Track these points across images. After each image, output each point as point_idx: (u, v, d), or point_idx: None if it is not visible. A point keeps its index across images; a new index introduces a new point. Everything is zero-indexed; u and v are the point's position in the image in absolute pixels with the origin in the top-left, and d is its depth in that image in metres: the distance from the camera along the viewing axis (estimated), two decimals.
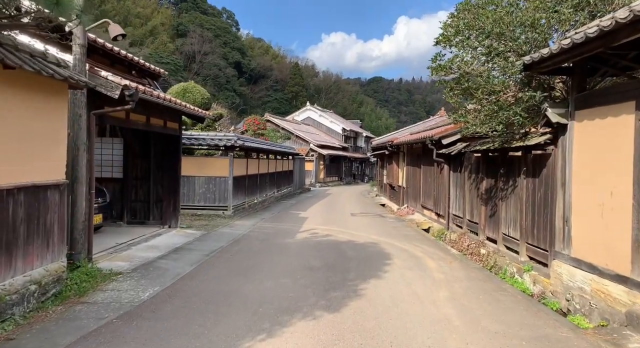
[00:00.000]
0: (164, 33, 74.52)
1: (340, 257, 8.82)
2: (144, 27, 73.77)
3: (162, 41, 72.86)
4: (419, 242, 11.16)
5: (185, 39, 74.07)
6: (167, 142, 11.11)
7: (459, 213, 12.05)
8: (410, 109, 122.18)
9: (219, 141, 14.27)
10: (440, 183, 13.52)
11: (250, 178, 17.04)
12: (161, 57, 67.05)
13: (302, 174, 30.07)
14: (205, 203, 14.67)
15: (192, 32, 74.00)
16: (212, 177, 14.65)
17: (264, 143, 18.55)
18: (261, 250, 9.36)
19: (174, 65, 67.36)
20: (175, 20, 78.18)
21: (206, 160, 14.67)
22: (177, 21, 77.61)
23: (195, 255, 8.68)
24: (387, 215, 17.41)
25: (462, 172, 11.93)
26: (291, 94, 79.76)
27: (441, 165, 13.32)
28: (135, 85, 7.09)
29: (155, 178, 11.25)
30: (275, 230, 12.32)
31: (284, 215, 16.30)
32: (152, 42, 71.12)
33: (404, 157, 18.80)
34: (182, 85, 15.46)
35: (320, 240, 10.79)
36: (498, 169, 9.62)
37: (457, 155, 12.00)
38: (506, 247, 9.26)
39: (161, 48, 70.85)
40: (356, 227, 13.39)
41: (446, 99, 8.73)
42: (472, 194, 11.17)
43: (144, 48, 67.91)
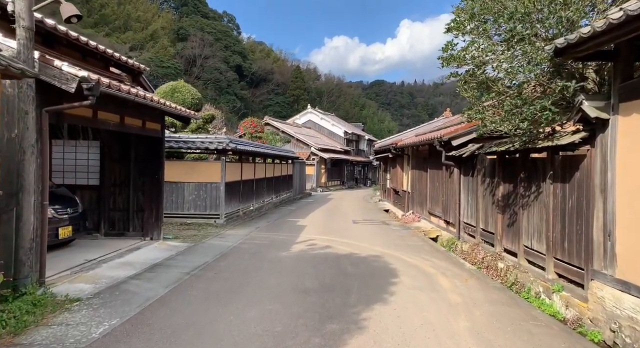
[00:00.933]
0: (164, 37, 73.84)
1: (340, 275, 7.67)
2: (144, 31, 73.09)
3: (163, 45, 72.16)
4: (428, 255, 10.00)
5: (186, 42, 73.35)
6: (149, 144, 10.01)
7: (472, 222, 10.89)
8: (412, 112, 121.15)
9: (210, 144, 13.17)
10: (449, 188, 12.36)
11: (245, 184, 15.93)
12: (162, 61, 66.33)
13: (302, 178, 28.95)
14: (195, 212, 13.55)
15: (193, 36, 73.29)
16: (203, 183, 13.55)
17: (261, 146, 17.46)
18: (250, 267, 8.22)
19: (174, 69, 66.61)
20: (176, 24, 77.51)
21: (196, 164, 13.58)
22: (178, 25, 76.94)
23: (173, 273, 7.54)
24: (391, 222, 16.25)
25: (474, 176, 10.78)
26: (293, 97, 78.81)
27: (451, 169, 12.17)
28: (97, 77, 5.99)
29: (136, 184, 10.14)
30: (270, 241, 11.19)
31: (281, 223, 15.16)
32: (152, 46, 70.40)
33: (408, 160, 17.66)
34: (170, 84, 14.42)
35: (318, 253, 9.64)
36: (518, 173, 8.47)
37: (469, 158, 10.85)
38: (528, 261, 8.10)
39: (162, 52, 70.11)
40: (358, 237, 12.24)
41: (460, 94, 7.59)
42: (486, 201, 10.02)
43: (144, 52, 67.25)
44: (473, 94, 7.24)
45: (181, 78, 68.94)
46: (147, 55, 65.45)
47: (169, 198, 13.43)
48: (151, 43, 71.28)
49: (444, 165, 12.50)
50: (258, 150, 15.94)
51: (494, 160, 9.72)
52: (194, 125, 14.88)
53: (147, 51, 67.70)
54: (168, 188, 13.43)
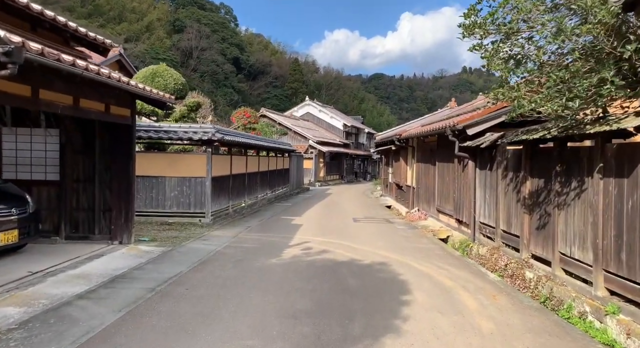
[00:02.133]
0: (160, 29, 72.04)
1: (339, 291, 6.22)
2: (139, 22, 71.25)
3: (159, 37, 70.38)
4: (441, 260, 8.55)
5: (182, 34, 71.57)
6: (117, 133, 8.52)
7: (490, 222, 9.45)
8: (411, 106, 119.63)
9: (194, 134, 11.67)
10: (462, 183, 10.90)
11: (236, 179, 14.45)
12: (157, 53, 64.52)
13: (299, 172, 27.47)
14: (178, 209, 12.08)
15: (189, 28, 71.50)
16: (187, 178, 12.06)
17: (253, 138, 15.95)
18: (231, 280, 6.76)
19: (170, 61, 64.63)
20: (172, 15, 75.64)
21: (179, 157, 12.09)
22: (174, 17, 75.08)
23: (135, 290, 6.09)
24: (395, 220, 14.80)
25: (493, 170, 9.32)
26: (291, 90, 77.12)
27: (464, 162, 10.70)
28: (20, 41, 4.50)
29: (102, 180, 8.66)
30: (259, 245, 9.73)
31: (275, 222, 13.70)
32: (148, 38, 68.62)
33: (413, 152, 16.18)
34: (151, 68, 12.90)
35: (314, 261, 8.18)
36: (552, 166, 7.01)
37: (487, 149, 9.38)
38: (566, 272, 6.66)
39: (157, 44, 68.33)
40: (359, 238, 10.79)
41: (489, 68, 6.09)
42: (509, 198, 8.56)
43: (139, 44, 65.50)
44: (506, 68, 5.74)
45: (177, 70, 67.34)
46: (142, 47, 63.74)
47: (149, 195, 11.96)
48: (147, 35, 69.46)
49: (457, 158, 11.03)
50: (249, 141, 14.44)
51: (519, 151, 8.26)
52: (178, 114, 13.39)
53: (142, 43, 65.93)
54: (147, 183, 11.97)
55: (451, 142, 11.05)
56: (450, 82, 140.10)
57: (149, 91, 7.71)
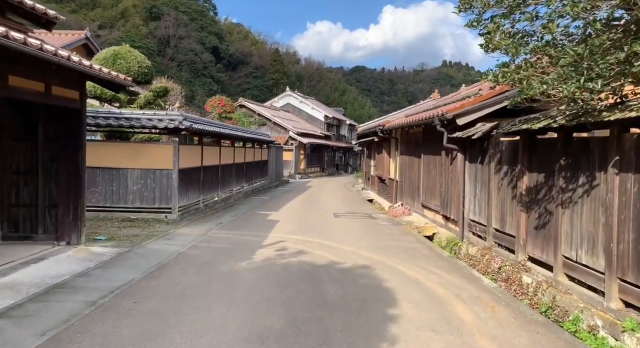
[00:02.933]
0: (136, 16, 69.39)
1: (317, 303, 5.31)
2: (114, 8, 68.56)
3: (134, 24, 67.78)
4: (429, 262, 7.73)
5: (159, 22, 69.12)
6: (64, 119, 7.39)
7: (480, 220, 8.68)
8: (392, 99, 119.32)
9: (159, 122, 10.55)
10: (450, 177, 10.11)
11: (208, 171, 13.37)
12: (133, 41, 61.91)
13: (279, 164, 26.44)
14: (141, 205, 10.97)
15: (167, 15, 69.09)
16: (151, 170, 10.95)
17: (227, 127, 14.85)
18: (192, 289, 5.79)
19: (146, 49, 62.38)
20: (149, 2, 72.90)
21: (142, 147, 10.95)
22: (150, 3, 72.39)
23: (72, 303, 5.06)
24: (378, 215, 13.98)
25: (485, 164, 8.53)
26: (272, 81, 75.58)
27: (453, 154, 9.91)
28: None
29: (48, 172, 7.53)
30: (229, 244, 8.75)
31: (250, 217, 12.71)
32: (123, 25, 66.08)
33: (397, 144, 15.36)
34: (112, 49, 11.64)
35: (289, 264, 7.26)
36: (555, 159, 6.24)
37: (478, 141, 8.58)
38: (571, 278, 5.92)
39: (133, 31, 65.76)
40: (340, 236, 9.91)
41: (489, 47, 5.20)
42: (503, 194, 7.79)
43: (114, 31, 63.03)
44: (512, 44, 4.86)
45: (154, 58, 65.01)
46: (117, 34, 61.27)
47: (109, 188, 10.81)
48: (122, 21, 66.84)
49: (445, 150, 10.23)
50: (222, 131, 13.35)
51: (515, 142, 7.48)
52: (143, 100, 12.18)
53: (117, 30, 63.45)
54: (108, 175, 10.82)
55: (438, 133, 10.23)
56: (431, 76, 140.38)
57: (97, 70, 6.60)
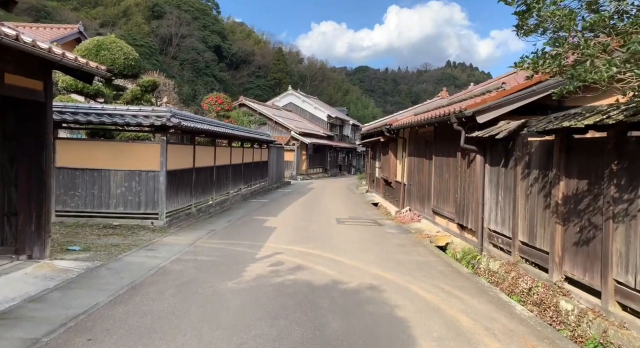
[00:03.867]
0: (138, 14, 68.55)
1: (316, 342, 4.24)
2: (116, 7, 67.70)
3: (136, 23, 66.92)
4: (448, 281, 6.64)
5: (162, 20, 68.28)
6: (26, 114, 6.35)
7: (504, 231, 7.59)
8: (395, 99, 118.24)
9: (144, 118, 9.49)
10: (467, 182, 9.02)
11: (201, 173, 12.32)
12: (135, 39, 61.21)
13: (280, 165, 25.38)
14: (125, 210, 9.92)
15: (169, 14, 68.25)
16: (136, 172, 9.90)
17: (223, 125, 13.78)
18: (162, 320, 4.72)
19: (148, 48, 61.68)
20: (151, 1, 72.03)
21: (126, 147, 9.90)
22: (153, 2, 71.50)
23: (6, 342, 4.02)
24: (385, 221, 12.89)
25: (509, 167, 7.44)
26: (274, 80, 74.54)
27: (470, 156, 8.82)
28: None
29: (6, 176, 6.48)
30: (218, 257, 7.69)
31: (245, 223, 11.65)
32: (125, 24, 65.22)
33: (404, 145, 14.27)
34: (95, 39, 10.58)
35: (284, 283, 6.19)
36: (603, 162, 5.15)
37: (502, 141, 7.49)
38: (626, 308, 4.84)
39: (135, 30, 64.89)
40: (344, 247, 8.83)
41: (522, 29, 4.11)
42: (532, 203, 6.70)
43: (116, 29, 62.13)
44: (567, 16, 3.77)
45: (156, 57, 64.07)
46: (119, 32, 60.31)
47: (90, 192, 9.77)
48: (123, 20, 65.99)
49: (461, 151, 9.14)
50: (217, 129, 12.29)
51: (548, 143, 6.39)
52: (130, 95, 11.12)
53: (119, 28, 62.52)
54: (88, 178, 9.78)
55: (453, 133, 9.15)
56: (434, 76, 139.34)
57: (58, 54, 5.55)
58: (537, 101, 7.75)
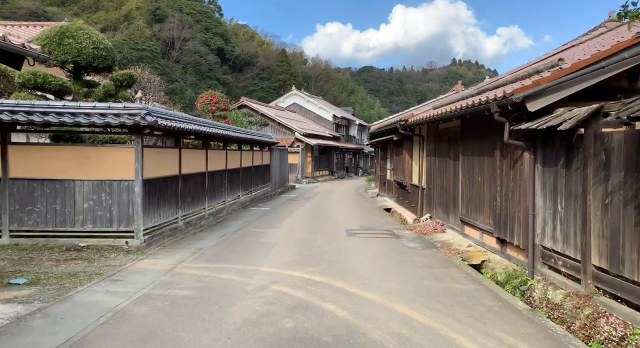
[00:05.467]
0: (140, 18, 67.31)
1: None
2: (117, 11, 66.52)
3: (138, 26, 65.63)
4: (504, 327, 4.81)
5: (163, 24, 67.04)
6: None
7: (566, 250, 5.77)
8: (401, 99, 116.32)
9: (113, 117, 7.77)
10: (510, 186, 7.20)
11: (189, 180, 10.60)
12: (136, 43, 60.07)
13: (283, 168, 23.64)
14: (94, 227, 8.22)
15: (171, 17, 67.01)
16: (106, 182, 8.19)
17: (216, 126, 12.05)
18: None
19: (150, 51, 60.42)
20: (152, 4, 70.87)
21: (94, 152, 8.19)
22: (155, 5, 70.35)
23: None
24: (402, 231, 11.08)
25: (575, 168, 5.62)
26: (278, 82, 72.92)
27: (514, 155, 7.01)
28: None
29: None
30: (200, 290, 5.94)
31: (241, 239, 9.90)
32: (126, 28, 63.98)
33: (422, 143, 12.45)
34: (59, 26, 8.83)
35: (278, 336, 4.41)
36: None
37: (560, 134, 5.67)
38: None
39: (137, 34, 63.63)
40: (359, 270, 7.05)
41: None
42: (615, 216, 4.88)
43: (117, 33, 60.96)
44: None
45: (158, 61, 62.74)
46: (120, 36, 59.14)
47: (50, 207, 8.07)
48: (125, 24, 64.76)
49: (501, 148, 7.34)
50: (206, 130, 10.55)
51: (636, 134, 4.60)
52: (102, 91, 9.41)
53: (120, 32, 61.37)
54: (49, 190, 8.09)
55: (489, 126, 7.38)
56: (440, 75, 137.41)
57: None
58: (602, 82, 5.97)
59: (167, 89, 55.71)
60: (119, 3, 67.04)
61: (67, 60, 8.66)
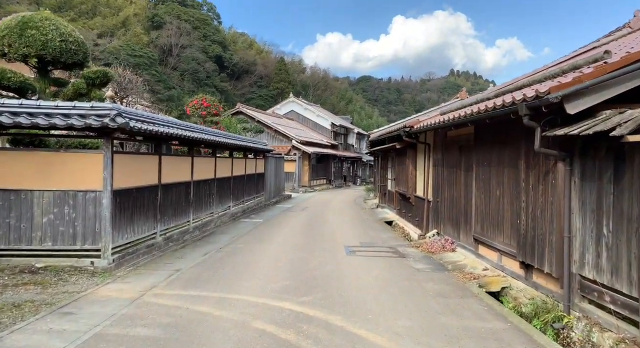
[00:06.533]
0: (137, 24, 66.60)
1: None
2: (114, 17, 65.72)
3: (135, 33, 64.86)
4: None
5: (161, 31, 66.28)
6: None
7: (616, 283, 4.66)
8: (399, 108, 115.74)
9: (78, 118, 6.68)
10: (539, 203, 6.11)
11: (171, 190, 9.49)
12: (133, 50, 59.13)
13: (279, 177, 22.54)
14: (54, 245, 7.07)
15: (169, 24, 66.24)
16: (70, 193, 7.07)
17: (201, 130, 10.94)
18: None
19: (147, 58, 59.44)
20: (150, 11, 70.24)
21: (55, 158, 7.08)
22: (152, 12, 69.70)
23: None
24: (407, 249, 9.97)
25: (629, 185, 4.54)
26: (277, 90, 72.10)
27: (545, 166, 5.94)
28: None
29: None
30: (166, 329, 4.80)
31: (226, 257, 8.75)
32: (123, 34, 63.14)
33: (428, 152, 11.39)
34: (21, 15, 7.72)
35: None
36: None
37: (606, 142, 4.60)
38: None
39: (134, 40, 62.77)
40: (361, 302, 5.92)
41: None
42: None
43: (114, 40, 60.13)
44: None
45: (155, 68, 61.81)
46: (117, 43, 58.29)
47: (4, 222, 6.93)
48: (122, 30, 63.90)
49: (526, 158, 6.27)
50: (190, 134, 9.45)
51: None
52: (71, 90, 8.34)
53: (117, 39, 60.50)
54: (0, 201, 6.95)
55: (512, 132, 6.35)
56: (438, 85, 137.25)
57: None
58: None
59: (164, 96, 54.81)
60: (116, 9, 66.33)
61: (29, 53, 7.59)
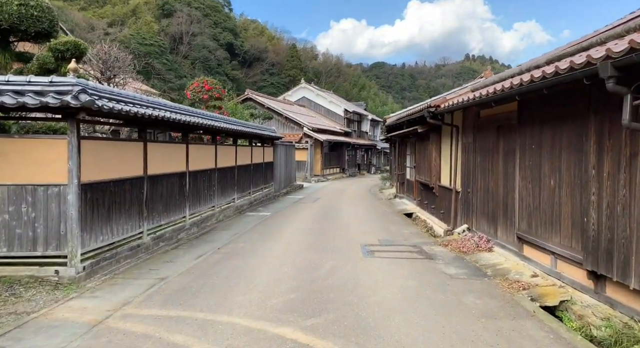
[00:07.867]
0: (147, 13, 65.47)
1: None
2: (125, 6, 64.71)
3: (146, 21, 63.70)
4: None
5: (172, 19, 64.97)
6: None
7: None
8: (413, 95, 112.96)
9: (34, 96, 5.37)
10: (623, 195, 4.58)
11: (160, 182, 8.20)
12: (144, 38, 57.98)
13: (290, 166, 21.19)
14: (10, 251, 5.83)
15: (179, 12, 64.89)
16: (28, 187, 5.81)
17: (195, 113, 9.56)
18: None
19: (158, 46, 58.32)
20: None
21: (10, 145, 5.80)
22: (163, 0, 68.29)
23: None
24: (433, 247, 8.54)
25: None
26: (288, 77, 70.44)
27: (628, 149, 4.42)
28: None
29: None
30: None
31: (221, 262, 7.44)
32: (134, 23, 62.07)
33: (456, 135, 9.86)
34: None
35: None
36: None
37: None
38: None
39: (144, 28, 61.63)
40: (384, 325, 4.53)
41: None
42: None
43: (125, 28, 59.09)
44: None
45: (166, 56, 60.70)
46: (127, 31, 57.22)
47: None
48: (133, 19, 62.87)
49: (597, 142, 4.76)
50: (179, 118, 8.08)
51: None
52: (36, 64, 7.05)
53: (128, 27, 59.45)
54: None
55: (576, 105, 4.81)
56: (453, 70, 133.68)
57: None
58: None
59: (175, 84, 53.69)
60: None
61: None
